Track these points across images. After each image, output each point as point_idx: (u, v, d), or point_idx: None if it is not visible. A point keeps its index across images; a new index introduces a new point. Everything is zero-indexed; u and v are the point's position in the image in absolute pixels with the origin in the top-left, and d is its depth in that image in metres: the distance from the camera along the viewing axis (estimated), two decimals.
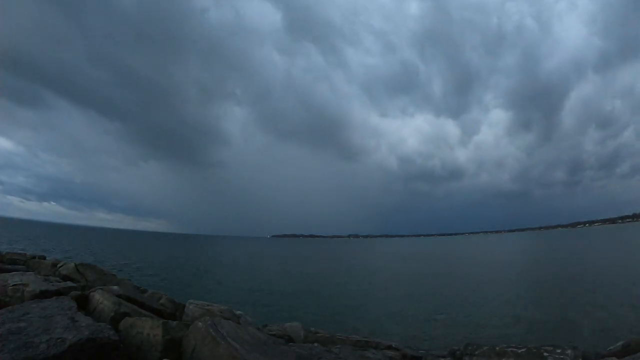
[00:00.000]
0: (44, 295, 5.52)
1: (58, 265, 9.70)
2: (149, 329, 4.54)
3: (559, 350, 4.96)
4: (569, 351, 4.93)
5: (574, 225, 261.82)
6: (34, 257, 12.06)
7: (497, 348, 5.37)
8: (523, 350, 5.13)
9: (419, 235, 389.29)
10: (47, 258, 12.54)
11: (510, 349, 5.25)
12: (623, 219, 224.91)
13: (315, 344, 5.73)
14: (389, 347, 6.76)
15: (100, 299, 5.58)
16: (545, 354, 4.94)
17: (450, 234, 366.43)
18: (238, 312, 7.62)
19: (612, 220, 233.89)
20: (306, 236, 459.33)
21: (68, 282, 7.21)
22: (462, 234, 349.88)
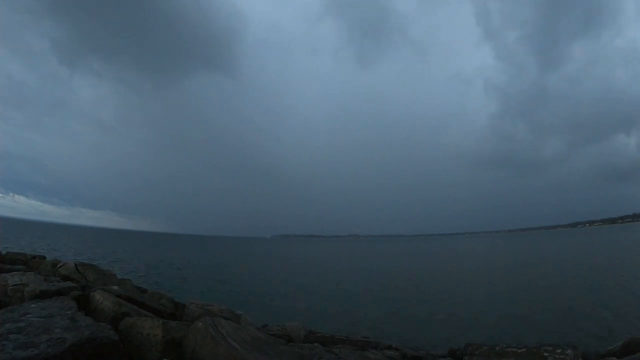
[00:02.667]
0: (44, 295, 5.51)
1: (58, 265, 9.69)
2: (149, 329, 4.54)
3: (559, 350, 4.95)
4: (569, 351, 4.92)
5: (574, 225, 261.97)
6: (34, 257, 12.05)
7: (497, 348, 5.37)
8: (523, 350, 5.13)
9: (419, 235, 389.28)
10: (47, 258, 12.54)
11: (510, 349, 5.25)
12: (623, 219, 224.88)
13: (316, 344, 5.73)
14: (389, 347, 6.77)
15: (101, 299, 5.58)
16: (545, 354, 4.94)
17: (451, 234, 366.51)
18: (238, 312, 7.61)
19: (612, 220, 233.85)
20: (306, 236, 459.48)
21: (68, 282, 7.20)
22: (462, 233, 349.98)
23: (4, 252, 12.77)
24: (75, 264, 9.18)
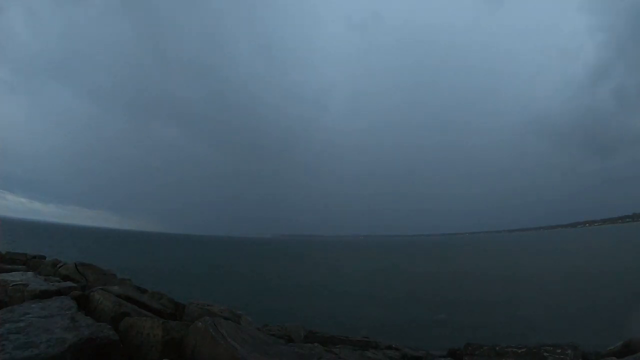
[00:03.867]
0: (44, 295, 5.50)
1: (58, 265, 9.68)
2: (149, 329, 4.54)
3: (559, 350, 4.96)
4: (569, 351, 4.93)
5: (574, 225, 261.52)
6: (34, 257, 12.04)
7: (497, 348, 5.37)
8: (523, 350, 5.13)
9: (419, 235, 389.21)
10: (47, 258, 12.53)
11: (510, 349, 5.25)
12: (623, 219, 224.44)
13: (316, 344, 5.74)
14: (389, 347, 6.77)
15: (101, 299, 5.57)
16: (545, 354, 4.94)
17: (451, 234, 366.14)
18: (238, 312, 7.61)
19: (612, 220, 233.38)
20: (306, 236, 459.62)
21: (68, 282, 7.19)
22: (463, 233, 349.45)
23: (3, 252, 12.77)
24: (75, 264, 9.16)
